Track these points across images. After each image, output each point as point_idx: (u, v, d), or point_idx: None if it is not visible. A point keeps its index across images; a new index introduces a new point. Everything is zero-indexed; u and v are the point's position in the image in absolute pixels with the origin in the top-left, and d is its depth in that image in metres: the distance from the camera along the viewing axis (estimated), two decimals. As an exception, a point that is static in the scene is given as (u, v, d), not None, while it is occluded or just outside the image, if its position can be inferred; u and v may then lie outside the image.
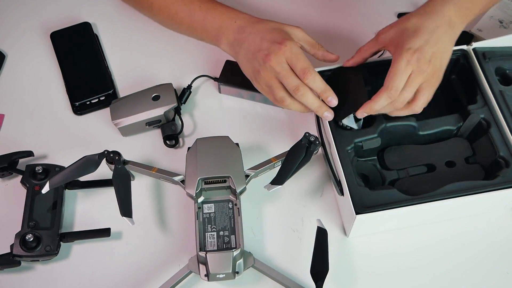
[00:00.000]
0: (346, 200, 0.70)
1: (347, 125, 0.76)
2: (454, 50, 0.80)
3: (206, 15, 0.80)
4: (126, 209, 0.71)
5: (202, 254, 0.70)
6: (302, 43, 0.77)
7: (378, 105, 0.70)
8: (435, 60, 0.69)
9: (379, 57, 0.78)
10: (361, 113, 0.72)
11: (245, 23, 0.77)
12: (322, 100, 0.74)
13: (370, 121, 0.77)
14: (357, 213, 0.68)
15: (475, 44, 0.81)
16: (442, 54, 0.70)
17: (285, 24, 0.77)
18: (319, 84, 0.73)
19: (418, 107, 0.71)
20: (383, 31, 0.74)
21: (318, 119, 0.80)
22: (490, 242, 0.77)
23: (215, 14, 0.79)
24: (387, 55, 0.77)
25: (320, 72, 0.76)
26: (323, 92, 0.73)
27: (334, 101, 0.73)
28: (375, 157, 0.79)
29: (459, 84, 0.82)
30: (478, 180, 0.73)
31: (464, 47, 0.81)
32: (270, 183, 0.72)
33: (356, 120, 0.77)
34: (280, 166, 0.75)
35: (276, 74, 0.72)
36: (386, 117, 0.76)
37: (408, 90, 0.69)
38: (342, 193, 0.73)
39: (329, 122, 0.76)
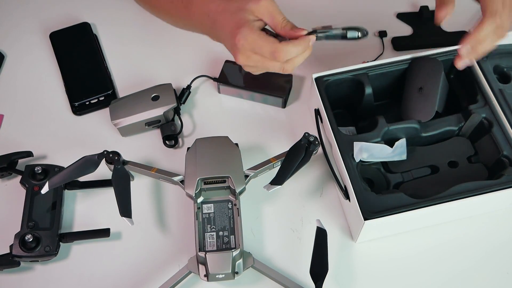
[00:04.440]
0: (353, 205, 0.70)
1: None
2: (451, 51, 0.80)
3: (190, 8, 0.75)
4: (125, 209, 0.71)
5: (201, 254, 0.70)
6: (266, 18, 0.70)
7: (484, 32, 0.69)
8: None
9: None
10: (465, 47, 0.71)
11: (216, 6, 0.71)
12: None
13: (373, 124, 0.77)
14: (365, 218, 0.68)
15: None
16: None
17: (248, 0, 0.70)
18: (294, 50, 0.69)
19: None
20: None
21: (317, 119, 0.80)
22: (494, 242, 0.77)
23: (196, 4, 0.74)
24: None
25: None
26: (301, 52, 0.70)
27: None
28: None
29: (458, 84, 0.82)
30: (482, 179, 0.73)
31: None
32: (269, 183, 0.72)
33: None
34: (279, 166, 0.75)
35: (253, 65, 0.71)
36: (388, 120, 0.76)
37: (506, 12, 0.69)
38: (347, 198, 0.73)
39: (331, 126, 0.75)
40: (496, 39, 0.71)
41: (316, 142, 0.76)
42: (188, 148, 0.78)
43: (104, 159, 0.75)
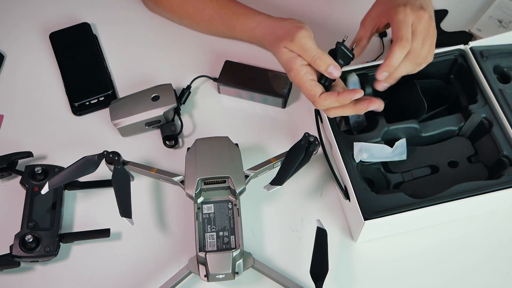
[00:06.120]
0: (353, 205, 0.70)
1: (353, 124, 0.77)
2: (452, 50, 0.80)
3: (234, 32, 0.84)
4: (125, 210, 0.71)
5: (201, 254, 0.70)
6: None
7: (395, 59, 0.69)
8: (427, 7, 0.71)
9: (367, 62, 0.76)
10: (381, 74, 0.71)
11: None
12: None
13: (373, 124, 0.77)
14: (365, 218, 0.68)
15: (472, 43, 0.81)
16: (428, 2, 0.73)
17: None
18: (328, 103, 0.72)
19: (430, 56, 0.72)
20: (367, 17, 0.76)
21: (317, 119, 0.80)
22: (494, 242, 0.77)
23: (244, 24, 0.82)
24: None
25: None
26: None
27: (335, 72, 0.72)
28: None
29: (458, 84, 0.82)
30: (482, 179, 0.73)
31: (461, 46, 0.81)
32: (269, 183, 0.72)
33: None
34: (279, 166, 0.75)
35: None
36: (388, 120, 0.76)
37: (418, 38, 0.69)
38: (347, 197, 0.73)
39: (331, 126, 0.75)
40: (412, 65, 0.71)
41: (316, 142, 0.76)
42: (188, 148, 0.78)
43: (104, 159, 0.75)
